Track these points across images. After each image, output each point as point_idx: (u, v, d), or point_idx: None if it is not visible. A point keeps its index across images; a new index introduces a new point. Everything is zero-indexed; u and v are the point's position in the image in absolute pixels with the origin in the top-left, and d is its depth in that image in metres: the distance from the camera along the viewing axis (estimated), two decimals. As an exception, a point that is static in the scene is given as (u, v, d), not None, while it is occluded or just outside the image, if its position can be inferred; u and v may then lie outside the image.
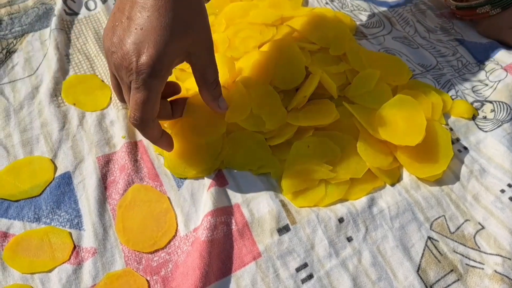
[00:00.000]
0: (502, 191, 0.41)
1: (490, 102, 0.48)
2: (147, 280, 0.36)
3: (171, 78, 0.42)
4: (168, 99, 0.41)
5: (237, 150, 0.42)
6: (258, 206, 0.40)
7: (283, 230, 0.38)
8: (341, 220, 0.39)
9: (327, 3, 0.59)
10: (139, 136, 0.44)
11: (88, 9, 0.56)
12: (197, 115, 0.42)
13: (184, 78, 0.47)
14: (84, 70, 0.50)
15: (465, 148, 0.44)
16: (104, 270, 0.36)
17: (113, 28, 0.34)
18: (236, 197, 0.40)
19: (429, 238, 0.38)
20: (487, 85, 0.50)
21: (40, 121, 0.45)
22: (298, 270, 0.36)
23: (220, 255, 0.37)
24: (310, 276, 0.36)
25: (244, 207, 0.40)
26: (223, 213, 0.39)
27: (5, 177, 0.41)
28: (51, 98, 0.47)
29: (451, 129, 0.45)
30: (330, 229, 0.38)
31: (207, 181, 0.41)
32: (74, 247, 0.37)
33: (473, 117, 0.47)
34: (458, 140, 0.45)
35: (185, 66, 0.49)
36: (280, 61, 0.46)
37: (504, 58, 0.51)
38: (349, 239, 0.38)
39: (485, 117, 0.46)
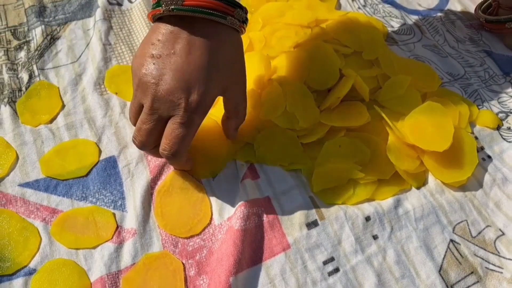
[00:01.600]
0: (524, 200, 0.42)
1: (515, 114, 0.49)
2: (183, 263, 0.38)
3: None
4: None
5: (269, 146, 0.44)
6: (288, 201, 0.41)
7: (311, 224, 0.40)
8: (368, 218, 0.41)
9: (359, 8, 0.61)
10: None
11: (129, 0, 0.58)
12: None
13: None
14: (127, 61, 0.52)
15: (489, 156, 0.46)
16: (143, 251, 0.38)
17: (153, 57, 0.34)
18: (267, 191, 0.42)
19: (451, 240, 0.40)
20: (512, 97, 0.51)
21: (83, 107, 0.47)
22: (325, 263, 0.38)
23: (252, 244, 0.39)
24: (336, 270, 0.38)
25: (274, 200, 0.41)
26: (255, 205, 0.41)
27: (53, 157, 0.43)
28: (95, 86, 0.49)
29: (476, 138, 0.47)
30: (357, 227, 0.40)
31: (240, 174, 0.43)
32: (117, 227, 0.39)
33: (498, 127, 0.48)
34: (482, 148, 0.46)
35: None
36: (315, 62, 0.48)
37: (530, 72, 0.53)
38: (375, 237, 0.40)
39: (509, 128, 0.48)
